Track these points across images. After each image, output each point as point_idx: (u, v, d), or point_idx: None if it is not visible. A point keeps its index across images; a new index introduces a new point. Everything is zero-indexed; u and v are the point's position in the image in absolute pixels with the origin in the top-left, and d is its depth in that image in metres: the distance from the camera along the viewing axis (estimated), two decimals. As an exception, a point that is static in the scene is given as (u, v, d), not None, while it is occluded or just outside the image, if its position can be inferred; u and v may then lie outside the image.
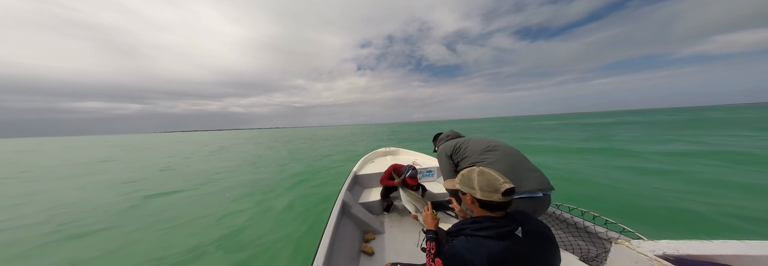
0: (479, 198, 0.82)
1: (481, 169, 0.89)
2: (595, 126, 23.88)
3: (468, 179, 0.88)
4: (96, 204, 4.89)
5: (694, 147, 8.23)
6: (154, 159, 12.71)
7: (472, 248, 0.76)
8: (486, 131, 25.45)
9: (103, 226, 3.70)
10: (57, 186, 6.89)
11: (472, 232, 0.81)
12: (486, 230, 0.78)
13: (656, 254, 0.83)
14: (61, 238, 3.40)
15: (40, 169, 10.44)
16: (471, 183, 0.86)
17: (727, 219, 3.08)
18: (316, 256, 1.32)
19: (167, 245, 3.06)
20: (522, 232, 0.77)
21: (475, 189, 0.84)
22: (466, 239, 0.80)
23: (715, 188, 4.18)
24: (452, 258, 0.79)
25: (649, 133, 14.37)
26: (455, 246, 0.80)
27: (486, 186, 0.82)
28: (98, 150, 22.74)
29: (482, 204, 0.83)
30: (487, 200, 0.80)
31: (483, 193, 0.81)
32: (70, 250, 3.09)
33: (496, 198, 0.79)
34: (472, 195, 0.85)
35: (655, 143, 9.77)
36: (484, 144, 1.54)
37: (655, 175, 5.20)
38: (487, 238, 0.77)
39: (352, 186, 2.90)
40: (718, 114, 41.58)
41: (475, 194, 0.83)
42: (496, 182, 0.81)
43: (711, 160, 6.26)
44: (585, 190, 4.44)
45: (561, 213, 1.74)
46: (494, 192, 0.79)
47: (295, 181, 6.26)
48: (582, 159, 7.28)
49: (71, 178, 7.99)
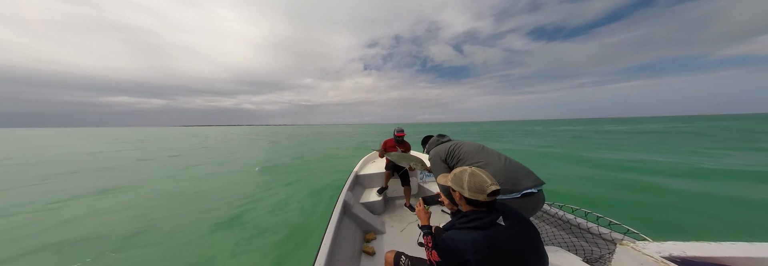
0: (467, 197, 0.93)
1: (473, 171, 0.97)
2: (640, 134, 20.14)
3: (459, 179, 0.97)
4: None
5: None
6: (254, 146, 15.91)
7: (459, 239, 0.88)
8: (499, 135, 24.67)
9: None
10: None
11: (460, 225, 0.93)
12: (471, 222, 0.91)
13: (662, 255, 0.81)
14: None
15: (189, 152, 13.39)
16: (461, 183, 0.95)
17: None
18: (318, 256, 1.32)
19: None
20: (503, 220, 0.89)
21: (464, 188, 0.93)
22: (455, 232, 0.92)
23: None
24: (444, 249, 0.92)
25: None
26: (445, 239, 0.92)
27: (475, 187, 0.91)
28: (180, 140, 26.16)
29: (469, 201, 0.94)
30: (473, 199, 0.92)
31: (471, 193, 0.91)
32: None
33: (482, 198, 0.89)
34: (461, 194, 0.95)
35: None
36: (476, 147, 1.62)
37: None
38: (472, 229, 0.89)
39: (353, 186, 2.89)
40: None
41: (464, 193, 0.93)
42: (485, 184, 0.91)
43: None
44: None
45: (564, 214, 1.73)
46: (481, 193, 0.89)
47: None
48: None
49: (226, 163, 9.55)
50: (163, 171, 7.97)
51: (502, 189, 1.32)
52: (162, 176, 7.12)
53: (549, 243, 1.69)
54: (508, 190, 1.31)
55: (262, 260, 2.65)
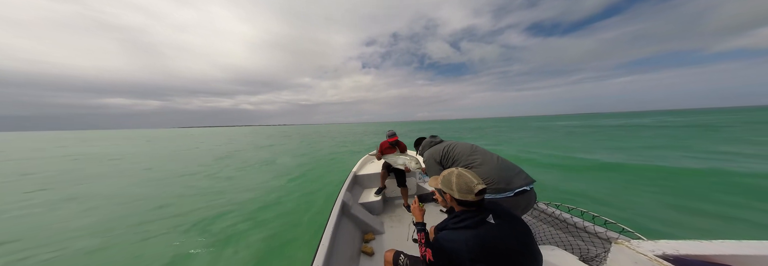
0: (457, 198, 0.97)
1: (460, 172, 1.01)
2: (643, 128, 20.00)
3: (448, 181, 1.00)
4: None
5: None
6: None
7: (452, 239, 0.91)
8: (499, 131, 24.84)
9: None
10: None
11: (453, 226, 0.97)
12: (463, 222, 0.94)
13: (656, 254, 0.83)
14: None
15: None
16: (450, 184, 0.98)
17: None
18: (316, 256, 1.32)
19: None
20: (493, 218, 0.92)
21: (453, 190, 0.97)
22: (448, 232, 0.96)
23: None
24: (439, 250, 0.95)
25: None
26: (439, 239, 0.96)
27: (463, 187, 0.95)
28: (192, 140, 27.06)
29: (459, 202, 0.98)
30: (463, 200, 0.95)
31: (460, 194, 0.95)
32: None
33: (471, 198, 0.93)
34: (452, 195, 0.99)
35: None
36: (469, 148, 1.65)
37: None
38: (464, 229, 0.92)
39: (351, 187, 2.90)
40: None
41: (454, 194, 0.97)
42: (472, 184, 0.94)
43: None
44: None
45: (561, 213, 1.75)
46: (469, 193, 0.93)
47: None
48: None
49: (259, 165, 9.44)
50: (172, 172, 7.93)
51: (496, 188, 1.35)
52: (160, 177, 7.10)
53: (545, 242, 1.71)
54: (501, 189, 1.34)
55: (262, 260, 2.64)
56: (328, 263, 1.35)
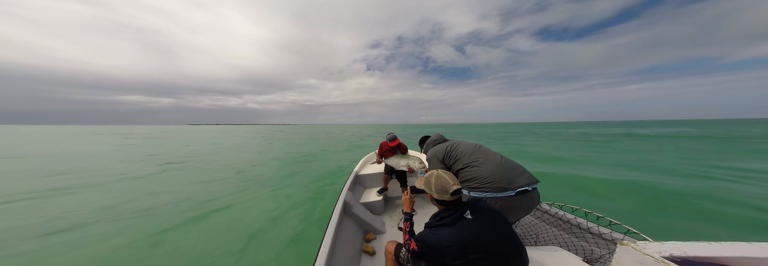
0: (435, 198, 1.05)
1: (438, 173, 1.08)
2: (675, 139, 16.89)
3: (428, 182, 1.07)
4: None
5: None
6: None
7: (433, 236, 0.97)
8: (508, 136, 23.41)
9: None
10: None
11: (435, 224, 1.04)
12: (442, 220, 1.01)
13: (662, 255, 0.81)
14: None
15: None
16: (430, 185, 1.05)
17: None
18: (318, 256, 1.32)
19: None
20: (470, 214, 0.98)
21: (432, 190, 1.04)
22: (429, 230, 1.02)
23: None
24: (421, 248, 1.00)
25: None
26: (421, 237, 1.01)
27: (439, 188, 1.02)
28: (214, 136, 27.53)
29: (438, 202, 1.06)
30: (440, 199, 1.03)
31: (438, 194, 1.02)
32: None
33: (447, 197, 1.01)
34: (431, 195, 1.06)
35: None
36: (472, 147, 1.66)
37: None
38: (443, 226, 0.99)
39: (353, 186, 2.90)
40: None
41: (433, 194, 1.04)
42: (447, 185, 1.01)
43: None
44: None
45: (564, 213, 1.73)
46: (445, 193, 1.01)
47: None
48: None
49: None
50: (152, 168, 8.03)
51: (497, 187, 1.35)
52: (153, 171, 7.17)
53: (549, 243, 1.69)
54: (502, 188, 1.33)
55: (261, 260, 2.65)
56: (330, 262, 1.35)
